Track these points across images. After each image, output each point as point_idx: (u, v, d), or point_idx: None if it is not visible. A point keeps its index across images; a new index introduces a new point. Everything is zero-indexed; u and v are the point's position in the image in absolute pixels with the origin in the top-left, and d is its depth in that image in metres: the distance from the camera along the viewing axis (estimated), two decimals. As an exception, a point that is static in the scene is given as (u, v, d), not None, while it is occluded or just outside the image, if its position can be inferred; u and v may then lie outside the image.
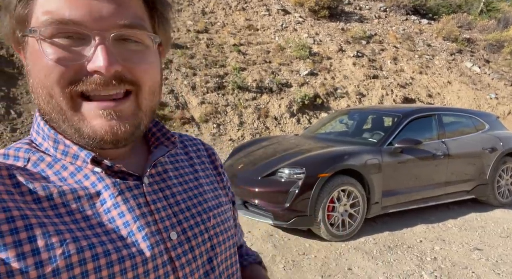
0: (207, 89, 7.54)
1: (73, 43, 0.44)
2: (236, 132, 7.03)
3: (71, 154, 0.49)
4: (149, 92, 0.49)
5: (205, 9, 10.69)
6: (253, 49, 9.62)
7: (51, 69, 0.43)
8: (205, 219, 0.56)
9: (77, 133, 0.46)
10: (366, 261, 3.19)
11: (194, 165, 0.63)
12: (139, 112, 0.49)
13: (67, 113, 0.45)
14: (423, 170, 4.12)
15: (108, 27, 0.44)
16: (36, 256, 0.39)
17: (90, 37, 0.43)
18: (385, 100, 9.83)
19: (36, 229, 0.40)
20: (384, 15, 15.16)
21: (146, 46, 0.48)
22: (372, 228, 3.91)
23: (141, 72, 0.47)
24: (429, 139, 4.31)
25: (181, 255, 0.51)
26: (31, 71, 0.46)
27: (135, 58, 0.47)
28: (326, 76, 9.57)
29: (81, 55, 0.44)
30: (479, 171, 4.52)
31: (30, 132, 0.53)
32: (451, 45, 14.14)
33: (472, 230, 3.89)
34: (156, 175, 0.54)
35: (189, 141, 0.69)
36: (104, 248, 0.43)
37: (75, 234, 0.42)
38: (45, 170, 0.48)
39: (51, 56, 0.43)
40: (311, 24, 12.07)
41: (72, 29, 0.43)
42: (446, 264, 3.13)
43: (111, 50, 0.44)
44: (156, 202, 0.51)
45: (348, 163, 3.57)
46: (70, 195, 0.46)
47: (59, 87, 0.44)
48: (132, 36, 0.47)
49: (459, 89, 11.53)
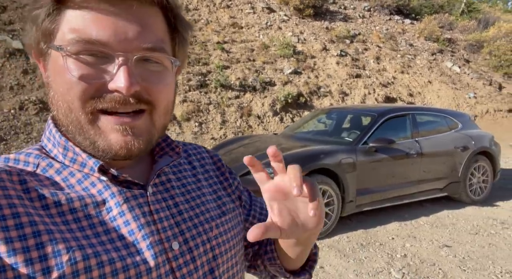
0: (189, 87, 7.51)
1: (96, 61, 0.45)
2: (218, 131, 7.03)
3: (79, 162, 0.50)
4: (163, 111, 0.51)
5: (189, 5, 10.61)
6: (237, 47, 9.60)
7: (74, 85, 0.44)
8: (207, 229, 0.56)
9: (92, 146, 0.48)
10: (338, 259, 3.25)
11: (197, 174, 0.64)
12: (153, 129, 0.50)
13: (85, 127, 0.47)
14: (397, 168, 4.22)
15: (132, 49, 0.45)
16: (43, 262, 0.41)
17: (113, 57, 0.45)
18: (367, 99, 9.97)
19: (43, 235, 0.42)
20: (368, 15, 15.33)
21: (164, 67, 0.50)
22: (347, 226, 3.98)
23: (157, 93, 0.49)
24: (403, 138, 4.41)
25: (182, 265, 0.51)
26: (52, 83, 0.47)
27: (154, 79, 0.48)
28: (310, 75, 9.64)
29: (103, 74, 0.45)
30: (452, 169, 4.65)
31: (41, 138, 0.54)
32: (432, 45, 14.41)
33: (443, 227, 4.01)
34: (159, 184, 0.55)
35: (193, 149, 0.69)
36: (109, 256, 0.44)
37: (81, 242, 0.44)
38: (54, 176, 0.49)
39: (75, 72, 0.44)
40: (296, 23, 12.12)
41: (98, 49, 0.44)
42: (415, 261, 3.22)
43: (133, 72, 0.45)
44: (159, 212, 0.52)
45: (322, 162, 3.62)
46: (78, 202, 0.47)
47: (79, 102, 0.45)
48: (153, 58, 0.48)
49: (439, 89, 11.77)
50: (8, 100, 5.80)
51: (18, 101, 5.81)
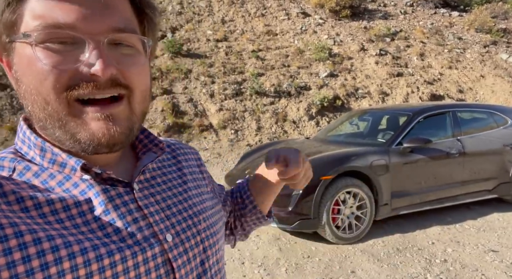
0: (225, 96, 7.72)
1: (66, 48, 0.43)
2: (254, 137, 7.13)
3: (59, 162, 0.48)
4: (141, 96, 0.50)
5: (225, 18, 10.96)
6: (271, 54, 9.71)
7: (46, 74, 0.42)
8: (196, 222, 0.57)
9: (73, 139, 0.46)
10: (371, 263, 3.14)
11: (182, 168, 0.64)
12: (133, 116, 0.49)
13: (64, 118, 0.45)
14: (436, 169, 3.98)
15: (102, 31, 0.44)
16: (27, 263, 0.39)
17: (84, 41, 0.43)
18: (410, 98, 9.51)
19: (26, 235, 0.39)
20: (410, 10, 14.67)
21: (137, 50, 0.49)
22: (383, 230, 3.83)
23: (134, 76, 0.48)
24: (444, 137, 4.16)
25: (177, 256, 0.52)
26: (22, 78, 0.45)
27: (128, 62, 0.47)
28: (346, 77, 9.44)
29: (76, 60, 0.43)
30: (501, 168, 4.28)
31: (15, 141, 0.52)
32: (484, 37, 13.38)
33: (491, 231, 3.70)
34: (144, 181, 0.55)
35: (176, 144, 0.70)
36: (97, 253, 0.43)
37: (67, 238, 0.42)
38: (32, 180, 0.47)
39: (46, 61, 0.42)
40: (332, 25, 11.96)
41: (67, 34, 0.42)
42: (455, 266, 3.01)
43: (106, 54, 0.44)
44: (149, 206, 0.52)
45: (351, 164, 3.54)
46: (59, 203, 0.45)
47: (55, 93, 0.43)
48: (125, 40, 0.47)
49: (493, 83, 10.88)
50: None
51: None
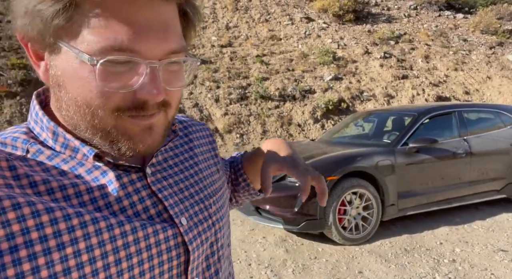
0: (230, 101, 7.78)
1: (124, 68, 0.43)
2: (259, 141, 7.16)
3: (71, 147, 0.48)
4: (175, 107, 0.52)
5: (229, 24, 11.07)
6: (276, 58, 9.77)
7: (101, 94, 0.43)
8: (207, 206, 0.58)
9: (111, 146, 0.46)
10: (379, 264, 3.12)
11: (194, 148, 0.64)
12: (168, 123, 0.51)
13: (109, 131, 0.45)
14: (443, 169, 3.96)
15: (160, 55, 0.44)
16: (44, 243, 0.39)
17: (141, 64, 0.43)
18: (416, 100, 9.48)
19: (43, 215, 0.40)
20: (414, 13, 14.67)
21: (181, 65, 0.49)
22: (391, 231, 3.80)
23: (176, 95, 0.49)
24: (450, 137, 4.14)
25: (192, 239, 0.53)
26: (66, 85, 0.44)
27: (174, 80, 0.48)
28: (351, 80, 9.45)
29: (131, 83, 0.44)
30: (509, 168, 4.24)
31: (28, 120, 0.51)
32: (490, 38, 13.31)
33: (501, 231, 3.65)
34: (157, 164, 0.55)
35: (188, 121, 0.69)
36: (111, 234, 0.44)
37: (84, 218, 0.43)
38: (45, 162, 0.46)
39: (102, 82, 0.42)
40: (336, 29, 12.01)
41: (128, 59, 0.42)
42: (464, 266, 2.98)
43: (160, 79, 0.44)
44: (162, 190, 0.52)
45: (357, 165, 3.54)
46: (71, 189, 0.45)
47: (106, 111, 0.44)
48: (179, 60, 0.48)
49: (500, 84, 10.79)
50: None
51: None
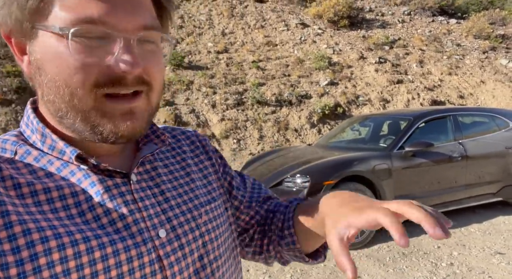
0: (227, 106, 7.79)
1: (97, 43, 0.43)
2: (256, 146, 7.16)
3: (58, 149, 0.48)
4: (158, 90, 0.50)
5: (225, 30, 11.13)
6: (272, 64, 9.82)
7: (77, 70, 0.42)
8: (196, 216, 0.55)
9: (93, 130, 0.46)
10: (377, 268, 3.12)
11: (187, 159, 0.62)
12: (150, 108, 0.50)
13: (90, 112, 0.45)
14: (439, 173, 3.98)
15: (133, 28, 0.44)
16: (16, 254, 0.39)
17: (115, 38, 0.43)
18: (411, 104, 9.55)
19: (16, 226, 0.39)
20: (408, 19, 14.85)
21: (158, 47, 0.49)
22: (388, 235, 3.80)
23: (155, 73, 0.48)
24: (445, 141, 4.17)
25: (170, 253, 0.50)
26: (45, 67, 0.44)
27: (151, 59, 0.47)
28: (347, 85, 9.51)
29: (106, 56, 0.44)
30: (504, 171, 4.27)
31: (20, 124, 0.53)
32: (483, 43, 13.49)
33: (497, 234, 3.67)
34: (144, 172, 0.54)
35: (182, 134, 0.67)
36: (88, 245, 0.42)
37: (58, 230, 0.42)
38: (32, 164, 0.47)
39: (78, 56, 0.42)
40: (331, 35, 12.11)
41: (101, 31, 0.43)
42: (462, 269, 2.99)
43: (136, 53, 0.44)
44: (144, 199, 0.51)
45: (354, 169, 3.55)
46: (56, 192, 0.45)
47: (86, 88, 0.43)
48: (151, 37, 0.47)
49: (493, 88, 10.92)
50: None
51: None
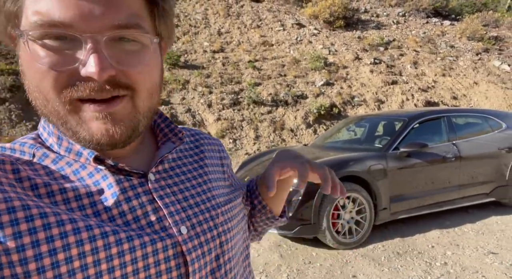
0: (223, 106, 7.79)
1: (64, 46, 0.41)
2: (252, 146, 7.18)
3: (75, 151, 0.49)
4: (147, 95, 0.47)
5: (221, 29, 11.12)
6: (268, 64, 9.84)
7: (45, 74, 0.41)
8: (214, 216, 0.55)
9: (75, 136, 0.45)
10: (372, 267, 3.15)
11: (204, 159, 0.62)
12: (137, 114, 0.47)
13: (64, 117, 0.44)
14: (433, 173, 4.03)
15: (101, 29, 0.41)
16: (36, 248, 0.39)
17: (81, 40, 0.41)
18: (406, 105, 9.63)
19: (37, 220, 0.40)
20: (403, 20, 14.96)
21: (143, 45, 0.45)
22: (383, 234, 3.84)
23: (137, 76, 0.45)
24: (439, 142, 4.22)
25: (191, 249, 0.50)
26: (25, 72, 0.44)
27: (131, 60, 0.44)
28: (342, 85, 9.57)
29: (73, 59, 0.42)
30: (497, 172, 4.33)
31: (38, 127, 0.53)
32: (476, 44, 13.64)
33: (490, 234, 3.72)
34: (162, 171, 0.54)
35: (200, 134, 0.68)
36: (105, 241, 0.43)
37: (78, 224, 0.42)
38: (50, 166, 0.47)
39: (43, 60, 0.41)
40: (326, 35, 12.16)
41: (63, 33, 0.41)
42: (455, 268, 3.03)
43: (104, 55, 0.41)
44: (163, 197, 0.51)
45: (350, 169, 3.58)
46: (71, 192, 0.45)
47: (54, 93, 0.42)
48: (128, 36, 0.44)
49: (486, 90, 11.05)
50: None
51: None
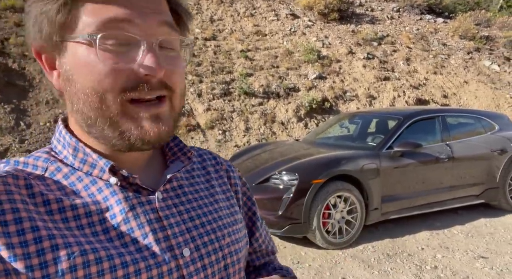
0: (213, 96, 7.59)
1: (122, 48, 0.45)
2: (242, 138, 7.02)
3: (89, 162, 0.50)
4: (180, 96, 0.52)
5: (213, 16, 10.81)
6: (260, 54, 9.63)
7: (107, 75, 0.44)
8: (220, 237, 0.55)
9: (121, 136, 0.47)
10: (362, 270, 3.08)
11: (211, 180, 0.63)
12: (174, 113, 0.51)
13: (116, 117, 0.46)
14: (426, 174, 3.97)
15: (154, 27, 0.47)
16: (44, 269, 0.40)
17: (139, 42, 0.46)
18: (397, 102, 9.60)
19: (45, 241, 0.41)
20: (397, 16, 14.88)
21: (177, 53, 0.51)
22: (373, 235, 3.78)
23: (176, 78, 0.50)
24: (433, 142, 4.16)
25: (193, 273, 0.50)
26: (75, 77, 0.46)
27: (172, 64, 0.49)
28: (335, 79, 9.45)
29: (131, 60, 0.46)
30: (488, 174, 4.31)
31: (51, 140, 0.55)
32: (468, 43, 13.69)
33: (480, 237, 3.71)
34: (170, 190, 0.54)
35: (208, 154, 0.69)
36: (111, 263, 0.43)
37: (84, 247, 0.43)
38: (61, 181, 0.49)
39: (106, 62, 0.44)
40: (320, 28, 11.99)
41: (124, 35, 0.45)
42: (446, 273, 2.99)
43: (158, 54, 0.46)
44: (169, 217, 0.51)
45: (343, 168, 3.48)
46: (82, 209, 0.47)
47: (113, 93, 0.45)
48: (171, 43, 0.50)
49: (476, 89, 11.12)
50: (44, 114, 6.15)
51: (53, 115, 6.14)
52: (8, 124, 5.53)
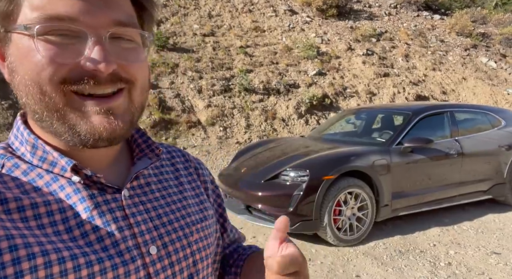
0: (214, 92, 7.49)
1: (67, 40, 0.43)
2: (243, 135, 6.94)
3: (49, 161, 0.47)
4: (141, 89, 0.49)
5: (212, 12, 10.68)
6: (260, 50, 9.53)
7: (45, 66, 0.42)
8: (188, 234, 0.55)
9: (72, 131, 0.44)
10: (376, 267, 3.03)
11: (180, 177, 0.62)
12: (132, 107, 0.49)
13: (63, 110, 0.44)
14: (435, 170, 3.93)
15: (104, 24, 0.43)
16: (1, 271, 0.38)
17: (86, 35, 0.43)
18: (396, 98, 9.58)
19: (2, 242, 0.38)
20: (394, 12, 14.87)
21: (137, 44, 0.49)
22: (383, 231, 3.74)
23: (134, 70, 0.47)
24: (442, 137, 4.12)
25: (160, 271, 0.49)
26: (17, 69, 0.44)
27: (129, 56, 0.47)
28: (335, 76, 9.40)
29: (77, 53, 0.43)
30: (496, 169, 4.29)
31: (9, 136, 0.52)
32: (465, 40, 13.73)
33: (490, 233, 3.68)
34: (137, 187, 0.53)
35: (177, 152, 0.67)
36: (75, 263, 0.41)
37: (45, 247, 0.40)
38: (20, 177, 0.46)
39: (45, 53, 0.42)
40: (319, 24, 11.92)
41: (68, 27, 0.42)
42: (461, 269, 2.95)
43: (108, 49, 0.43)
44: (136, 215, 0.50)
45: (354, 164, 3.42)
46: (43, 207, 0.44)
47: (52, 85, 0.42)
48: (126, 34, 0.47)
49: (474, 86, 11.16)
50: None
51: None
52: (5, 121, 5.38)
